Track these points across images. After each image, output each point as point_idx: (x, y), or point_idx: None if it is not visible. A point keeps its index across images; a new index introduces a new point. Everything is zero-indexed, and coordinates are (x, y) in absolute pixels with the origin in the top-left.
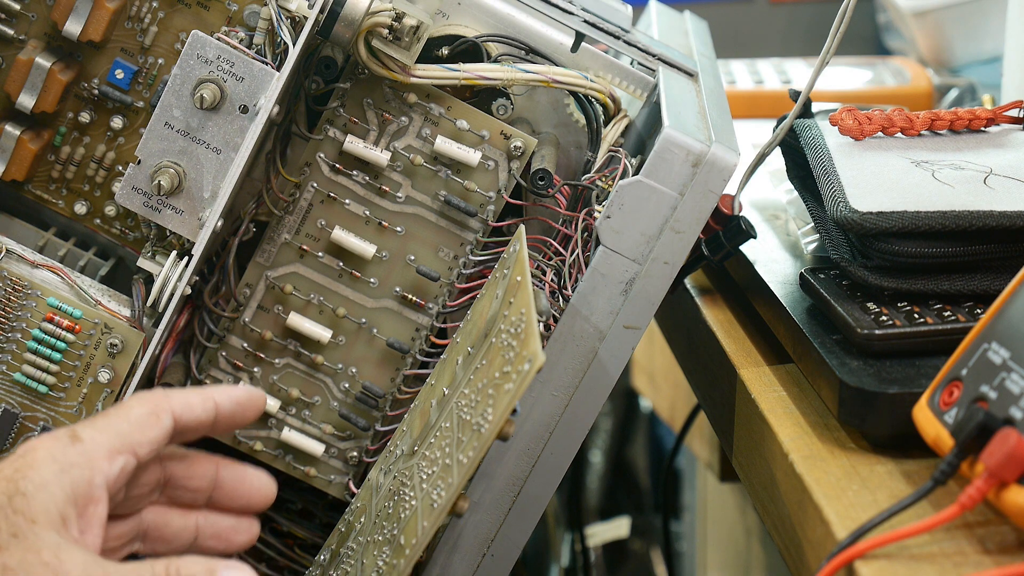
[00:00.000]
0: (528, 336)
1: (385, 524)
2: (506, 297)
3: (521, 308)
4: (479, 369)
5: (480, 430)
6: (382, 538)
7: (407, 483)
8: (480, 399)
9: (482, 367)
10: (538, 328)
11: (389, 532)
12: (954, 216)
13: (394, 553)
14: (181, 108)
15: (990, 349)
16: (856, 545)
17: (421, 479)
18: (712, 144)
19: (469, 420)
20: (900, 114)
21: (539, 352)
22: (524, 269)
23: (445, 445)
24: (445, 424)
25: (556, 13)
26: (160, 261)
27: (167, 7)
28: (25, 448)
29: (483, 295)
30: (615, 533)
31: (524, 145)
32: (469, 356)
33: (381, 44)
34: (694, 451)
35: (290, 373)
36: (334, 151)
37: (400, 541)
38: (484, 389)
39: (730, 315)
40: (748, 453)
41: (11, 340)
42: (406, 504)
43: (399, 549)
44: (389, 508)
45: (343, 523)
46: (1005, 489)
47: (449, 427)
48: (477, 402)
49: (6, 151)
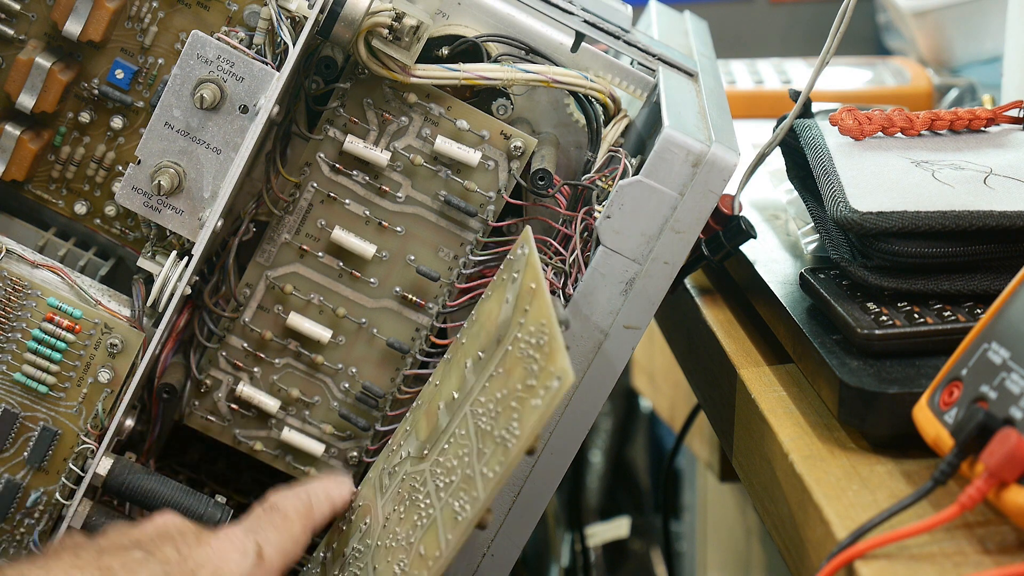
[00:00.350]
0: (554, 351)
1: (399, 529)
2: (519, 304)
3: (541, 319)
4: (495, 377)
5: (507, 444)
6: (396, 544)
7: (420, 488)
8: (501, 411)
9: (498, 375)
10: (563, 341)
11: (405, 539)
12: (954, 216)
13: (413, 564)
14: (181, 108)
15: (990, 349)
16: (856, 545)
17: (437, 487)
18: (712, 144)
19: (490, 431)
20: (900, 114)
21: (568, 369)
22: (538, 275)
23: (464, 455)
24: (460, 431)
25: (556, 13)
26: (160, 261)
27: (167, 7)
28: (217, 557)
29: (489, 296)
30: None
31: (524, 145)
32: (480, 361)
33: (381, 44)
34: (694, 451)
35: (290, 373)
36: (334, 151)
37: (420, 551)
38: (505, 400)
39: (730, 315)
40: (748, 453)
41: (11, 340)
42: (422, 511)
43: (419, 560)
44: (401, 513)
45: (343, 521)
46: (1005, 489)
47: (465, 435)
48: (498, 413)
49: (6, 151)
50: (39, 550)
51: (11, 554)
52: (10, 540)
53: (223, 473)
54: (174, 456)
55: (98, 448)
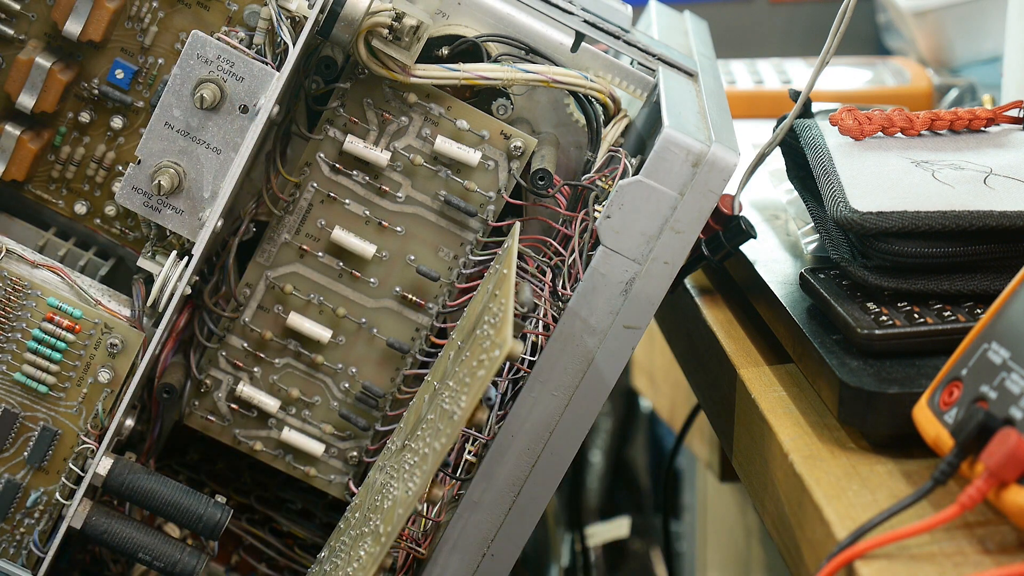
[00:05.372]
0: (502, 323)
1: (371, 516)
2: (493, 290)
3: (502, 299)
4: (463, 361)
5: (453, 417)
6: (368, 530)
7: (394, 476)
8: (459, 388)
9: (466, 359)
10: (512, 315)
11: (374, 524)
12: (954, 216)
13: (373, 542)
14: (181, 108)
15: (990, 349)
16: (856, 545)
17: (404, 470)
18: (712, 144)
19: (448, 409)
20: (900, 114)
21: (509, 338)
22: (511, 263)
23: (427, 436)
24: (430, 416)
25: (556, 13)
26: (160, 261)
27: (167, 7)
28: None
29: (478, 293)
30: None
31: (524, 145)
32: (459, 350)
33: (381, 44)
34: (694, 451)
35: (290, 373)
36: (334, 151)
37: (380, 530)
38: (463, 379)
39: (730, 315)
40: (748, 453)
41: (11, 340)
42: (390, 496)
43: (377, 537)
44: (377, 501)
45: (343, 521)
46: (1005, 489)
47: (433, 419)
48: (456, 391)
49: (6, 151)
50: (39, 550)
51: (11, 554)
52: (10, 540)
53: (223, 473)
54: (174, 456)
55: (98, 448)
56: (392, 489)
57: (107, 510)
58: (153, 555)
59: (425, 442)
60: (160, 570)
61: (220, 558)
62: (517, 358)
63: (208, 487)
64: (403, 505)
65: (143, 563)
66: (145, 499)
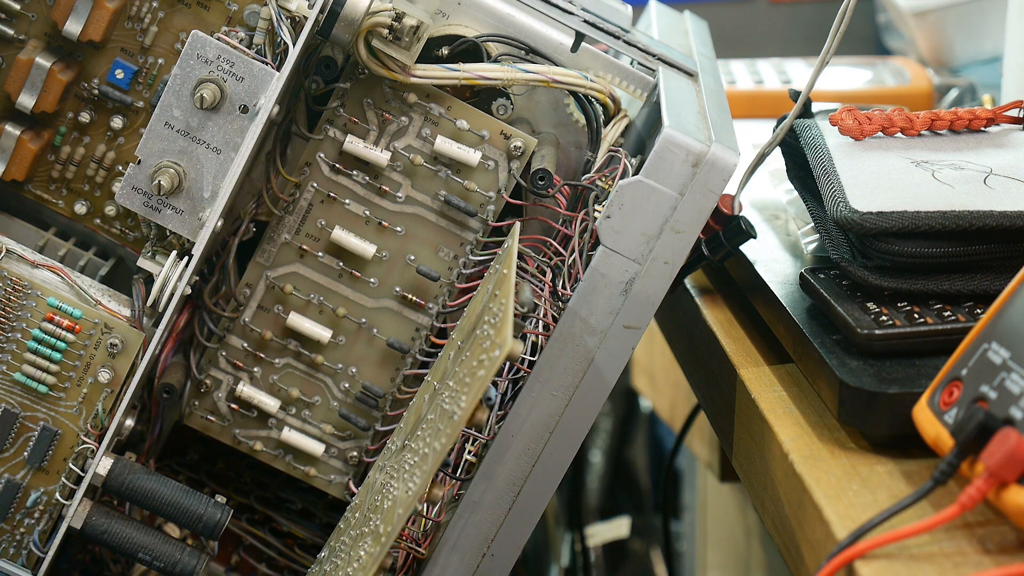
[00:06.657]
0: (502, 324)
1: (372, 516)
2: (493, 290)
3: (503, 299)
4: (463, 361)
5: (453, 417)
6: (368, 530)
7: (394, 476)
8: (459, 388)
9: (466, 359)
10: (513, 315)
11: (374, 524)
12: (954, 216)
13: (373, 542)
14: (181, 108)
15: (990, 349)
16: (856, 545)
17: (404, 470)
18: (712, 144)
19: (448, 410)
20: (900, 114)
21: (509, 338)
22: (511, 263)
23: (427, 436)
24: (430, 416)
25: (556, 13)
26: (160, 261)
27: (167, 7)
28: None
29: (478, 293)
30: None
31: (524, 145)
32: (459, 350)
33: (381, 44)
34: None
35: (290, 373)
36: (334, 151)
37: (380, 530)
38: (464, 379)
39: (730, 315)
40: (748, 453)
41: (11, 340)
42: (390, 496)
43: (377, 537)
44: (377, 501)
45: (343, 521)
46: (1005, 489)
47: (433, 419)
48: (456, 391)
49: (6, 151)
50: (39, 550)
51: (11, 554)
52: (10, 540)
53: (223, 473)
54: (174, 456)
55: (98, 448)
56: (392, 489)
57: (107, 510)
58: (153, 555)
59: (425, 442)
60: (160, 570)
61: (220, 558)
62: (517, 358)
63: (208, 487)
64: (403, 505)
65: (143, 563)
66: (145, 499)
